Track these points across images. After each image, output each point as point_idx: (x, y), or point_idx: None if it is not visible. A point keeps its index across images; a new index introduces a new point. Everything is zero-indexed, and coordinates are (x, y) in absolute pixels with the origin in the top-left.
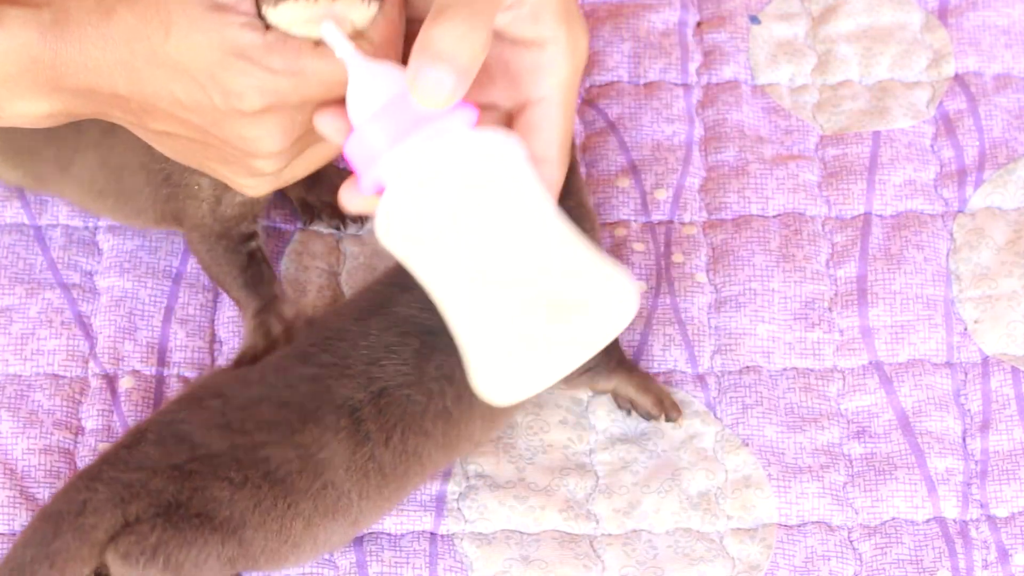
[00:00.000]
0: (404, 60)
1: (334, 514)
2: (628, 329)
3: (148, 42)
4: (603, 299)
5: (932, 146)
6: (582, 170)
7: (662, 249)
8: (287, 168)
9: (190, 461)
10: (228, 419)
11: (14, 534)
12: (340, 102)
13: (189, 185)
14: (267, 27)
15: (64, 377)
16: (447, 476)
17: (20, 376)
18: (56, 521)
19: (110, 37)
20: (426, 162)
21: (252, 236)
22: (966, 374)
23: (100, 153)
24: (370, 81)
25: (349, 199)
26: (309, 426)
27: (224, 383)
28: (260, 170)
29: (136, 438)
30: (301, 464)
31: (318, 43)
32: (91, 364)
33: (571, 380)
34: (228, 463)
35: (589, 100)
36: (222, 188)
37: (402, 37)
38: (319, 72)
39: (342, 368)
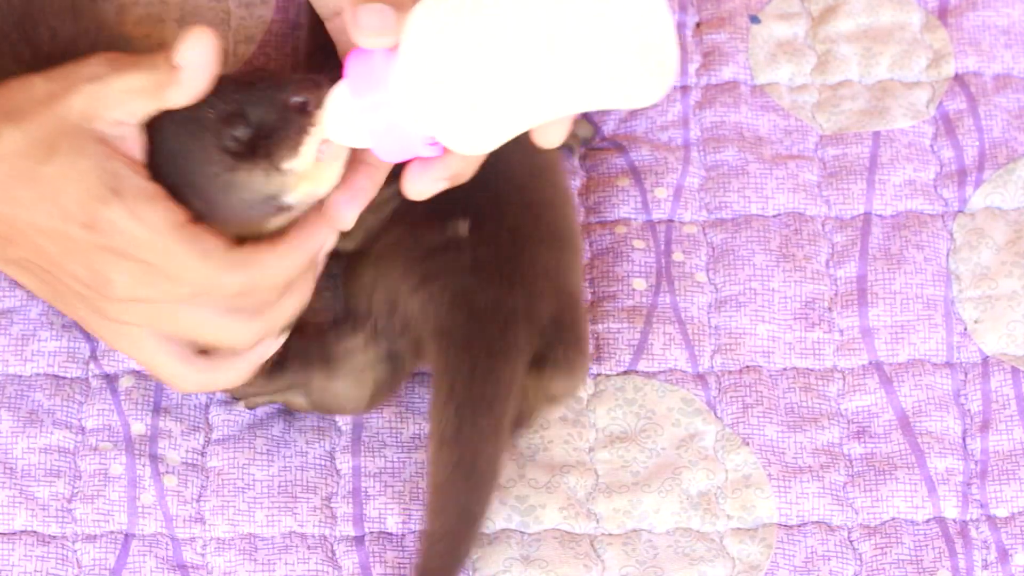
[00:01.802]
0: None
1: None
2: (629, 327)
3: (29, 161)
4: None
5: (932, 146)
6: (582, 173)
7: (662, 248)
8: (163, 322)
9: None
10: None
11: (14, 534)
12: None
13: None
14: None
15: (64, 378)
16: None
17: (20, 376)
18: None
19: None
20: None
21: None
22: (966, 374)
23: None
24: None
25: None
26: None
27: None
28: (112, 315)
29: None
30: None
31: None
32: (91, 365)
33: None
34: None
35: None
36: None
37: None
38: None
39: None
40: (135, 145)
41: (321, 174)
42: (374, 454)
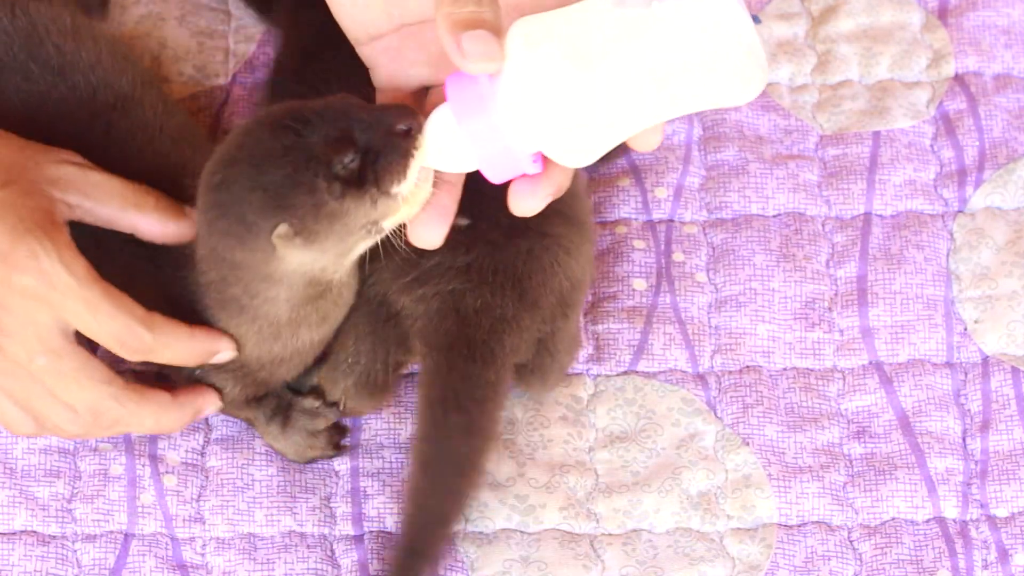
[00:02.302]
0: None
1: None
2: (629, 327)
3: None
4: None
5: (932, 146)
6: (582, 173)
7: (663, 248)
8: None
9: None
10: None
11: (14, 533)
12: None
13: None
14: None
15: None
16: None
17: None
18: None
19: None
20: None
21: None
22: (966, 374)
23: None
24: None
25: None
26: None
27: None
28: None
29: None
30: None
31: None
32: None
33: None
34: None
35: None
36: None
37: None
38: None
39: None
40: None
41: (415, 197)
42: (372, 455)
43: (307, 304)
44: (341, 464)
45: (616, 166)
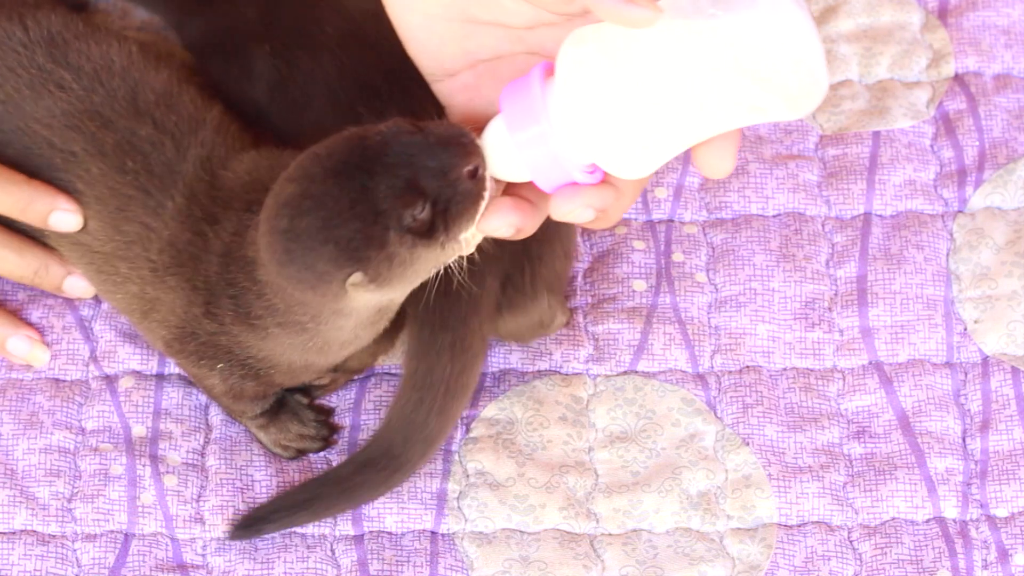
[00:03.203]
0: None
1: None
2: (629, 328)
3: None
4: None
5: (932, 146)
6: None
7: (663, 248)
8: None
9: None
10: None
11: (14, 533)
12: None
13: None
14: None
15: (64, 380)
16: (447, 475)
17: (21, 380)
18: None
19: None
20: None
21: None
22: (966, 374)
23: None
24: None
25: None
26: None
27: None
28: None
29: None
30: None
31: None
32: (91, 367)
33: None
34: None
35: None
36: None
37: None
38: None
39: None
40: None
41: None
42: None
43: (369, 327)
44: (340, 461)
45: None
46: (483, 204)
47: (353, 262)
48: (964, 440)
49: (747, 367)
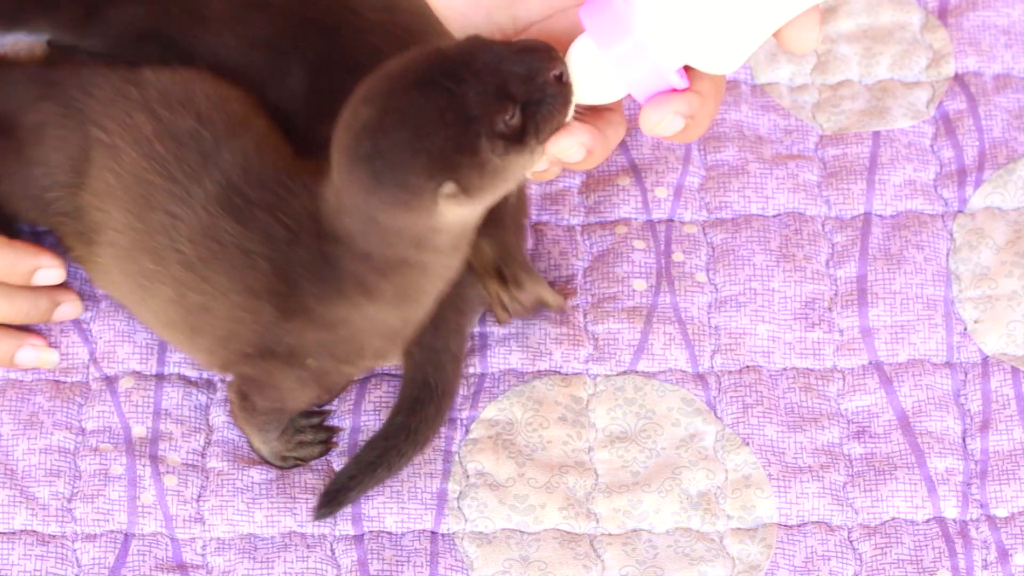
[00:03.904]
0: None
1: None
2: (629, 327)
3: None
4: None
5: (932, 146)
6: (582, 171)
7: (663, 248)
8: None
9: None
10: None
11: (14, 533)
12: None
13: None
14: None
15: (64, 382)
16: (447, 475)
17: (21, 381)
18: None
19: None
20: None
21: None
22: (966, 374)
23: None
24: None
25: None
26: None
27: None
28: None
29: None
30: None
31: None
32: (91, 368)
33: None
34: None
35: None
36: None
37: None
38: None
39: None
40: None
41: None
42: None
43: (454, 253)
44: (340, 464)
45: (616, 165)
46: (571, 108)
47: (447, 171)
48: (964, 440)
49: (747, 367)
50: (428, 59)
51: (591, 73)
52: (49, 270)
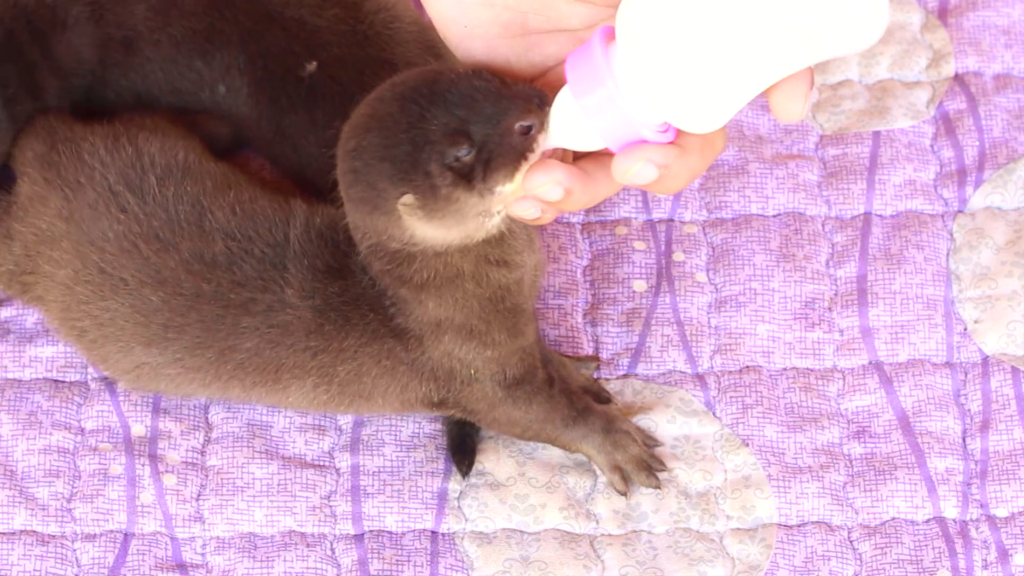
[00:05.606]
0: None
1: None
2: (627, 331)
3: None
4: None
5: (932, 146)
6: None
7: (663, 248)
8: None
9: None
10: None
11: (13, 533)
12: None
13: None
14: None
15: (63, 382)
16: (447, 475)
17: (20, 381)
18: None
19: None
20: None
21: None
22: (966, 374)
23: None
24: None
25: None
26: None
27: None
28: None
29: None
30: None
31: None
32: (90, 368)
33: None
34: None
35: None
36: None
37: None
38: None
39: None
40: None
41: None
42: (373, 452)
43: (479, 258)
44: (341, 462)
45: None
46: (525, 164)
47: (404, 182)
48: (964, 440)
49: (747, 367)
50: (422, 78)
51: (568, 120)
52: None
